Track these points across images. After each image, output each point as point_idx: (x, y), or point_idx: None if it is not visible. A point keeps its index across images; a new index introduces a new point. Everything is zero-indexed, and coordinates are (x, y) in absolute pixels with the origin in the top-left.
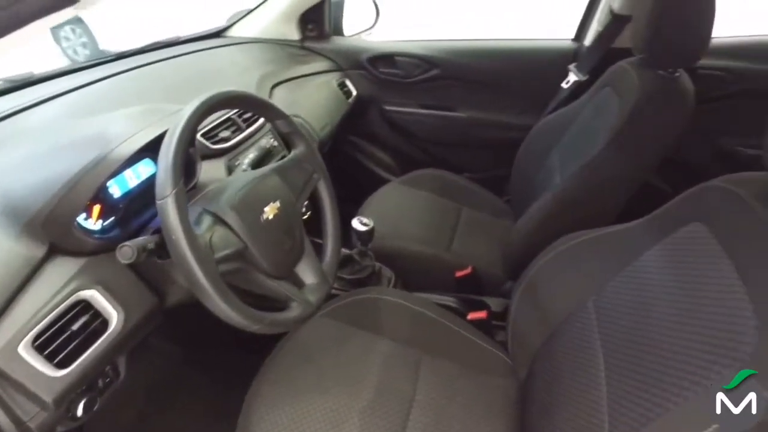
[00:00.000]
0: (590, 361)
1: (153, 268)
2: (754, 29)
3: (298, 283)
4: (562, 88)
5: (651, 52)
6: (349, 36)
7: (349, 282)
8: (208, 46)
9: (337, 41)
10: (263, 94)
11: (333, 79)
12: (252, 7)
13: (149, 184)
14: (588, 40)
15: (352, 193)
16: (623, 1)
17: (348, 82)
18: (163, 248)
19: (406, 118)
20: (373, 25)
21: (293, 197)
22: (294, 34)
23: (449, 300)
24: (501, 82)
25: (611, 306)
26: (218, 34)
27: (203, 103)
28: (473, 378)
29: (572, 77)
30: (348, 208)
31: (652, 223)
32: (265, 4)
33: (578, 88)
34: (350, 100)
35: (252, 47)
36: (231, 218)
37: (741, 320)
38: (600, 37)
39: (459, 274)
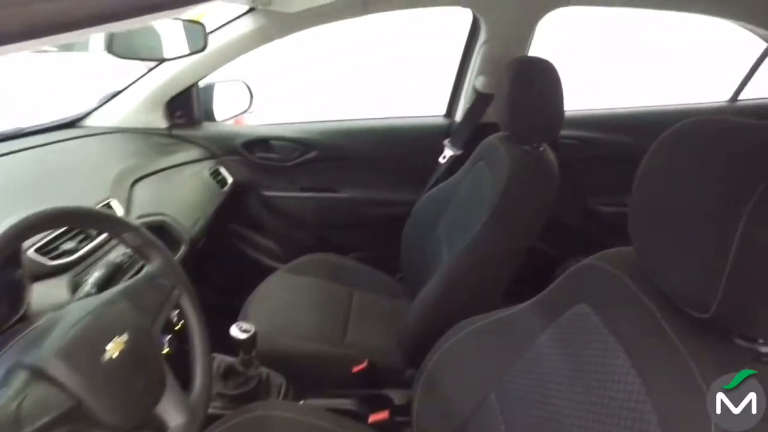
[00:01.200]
0: None
1: None
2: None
3: (160, 428)
4: (439, 162)
5: (514, 130)
6: (222, 121)
7: (233, 398)
8: (57, 139)
9: (208, 127)
10: (122, 192)
11: (205, 168)
12: (115, 91)
13: None
14: (458, 116)
15: (238, 285)
16: (485, 81)
17: (222, 170)
18: None
19: (287, 202)
20: (247, 109)
21: (147, 322)
22: (160, 122)
23: (347, 403)
24: (380, 160)
25: (514, 398)
26: (72, 123)
27: (4, 235)
28: None
29: (448, 152)
30: (233, 300)
31: (539, 306)
32: (127, 89)
33: (455, 162)
34: (226, 188)
35: (111, 138)
36: (56, 370)
37: (641, 414)
38: (468, 114)
39: (355, 369)
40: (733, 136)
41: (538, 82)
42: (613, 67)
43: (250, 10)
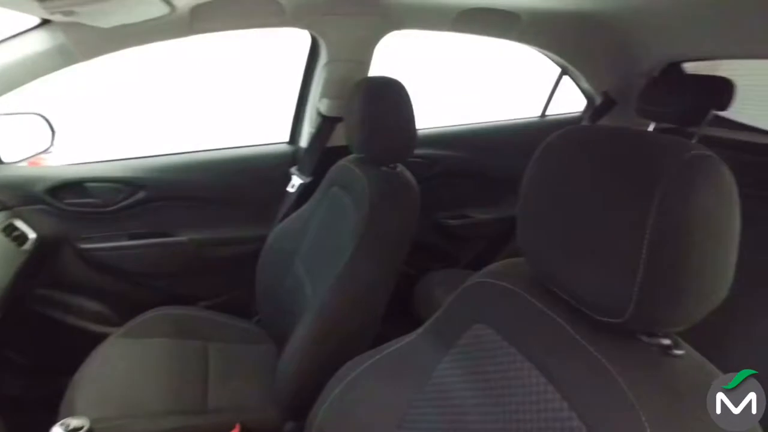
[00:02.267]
0: None
1: None
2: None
3: None
4: (288, 192)
5: (370, 152)
6: (12, 164)
7: None
8: None
9: None
10: None
11: None
12: None
13: None
14: (303, 142)
15: (57, 365)
16: (330, 105)
17: (19, 224)
18: None
19: (113, 254)
20: (48, 148)
21: None
22: None
23: None
24: (220, 195)
25: None
26: None
27: None
28: None
29: (296, 180)
30: (53, 385)
31: (431, 334)
32: None
33: (305, 190)
34: (26, 246)
35: None
36: None
37: (570, 430)
38: (314, 138)
39: None
40: (621, 141)
41: (390, 101)
42: (437, 87)
43: (45, 22)
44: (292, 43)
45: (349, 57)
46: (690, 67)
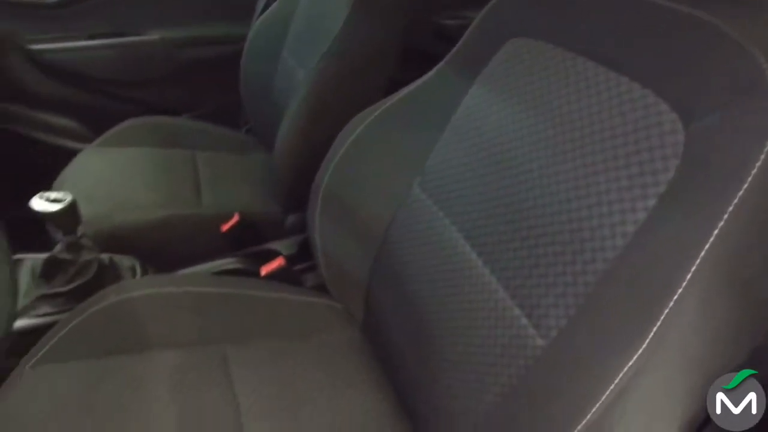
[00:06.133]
0: (450, 256)
1: None
2: None
3: None
4: None
5: None
6: None
7: (69, 296)
8: None
9: None
10: None
11: None
12: None
13: None
14: None
15: (38, 181)
16: None
17: None
18: None
19: (71, 57)
20: None
21: None
22: None
23: (228, 263)
24: None
25: (444, 176)
26: None
27: None
28: (305, 346)
29: None
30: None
31: (452, 65)
32: None
33: None
34: None
35: None
36: None
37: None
38: None
39: (225, 227)
40: None
41: None
42: None
43: None
44: None
45: None
46: None
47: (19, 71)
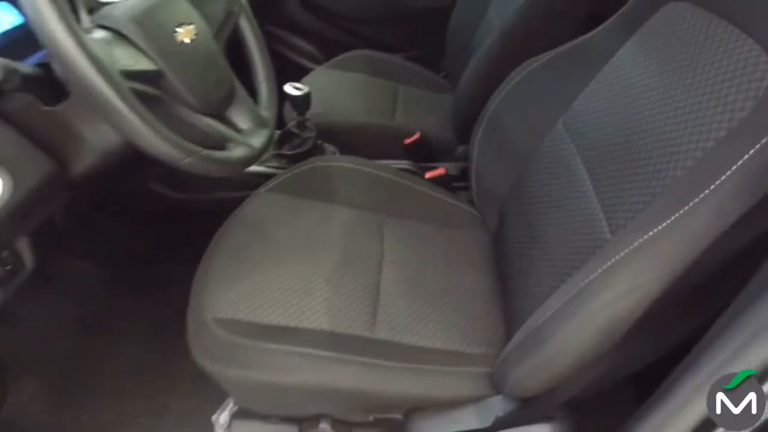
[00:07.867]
0: (570, 180)
1: (45, 124)
2: None
3: (234, 128)
4: None
5: None
6: None
7: (290, 158)
8: None
9: None
10: None
11: None
12: None
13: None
14: None
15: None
16: None
17: None
18: (46, 85)
19: None
20: None
21: (211, 29)
22: None
23: (403, 164)
24: None
25: (585, 116)
26: None
27: None
28: (443, 233)
29: None
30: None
31: (615, 26)
32: None
33: None
34: None
35: None
36: (133, 32)
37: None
38: None
39: (407, 141)
40: None
41: None
42: None
43: None
44: None
45: None
46: None
47: (290, 5)
